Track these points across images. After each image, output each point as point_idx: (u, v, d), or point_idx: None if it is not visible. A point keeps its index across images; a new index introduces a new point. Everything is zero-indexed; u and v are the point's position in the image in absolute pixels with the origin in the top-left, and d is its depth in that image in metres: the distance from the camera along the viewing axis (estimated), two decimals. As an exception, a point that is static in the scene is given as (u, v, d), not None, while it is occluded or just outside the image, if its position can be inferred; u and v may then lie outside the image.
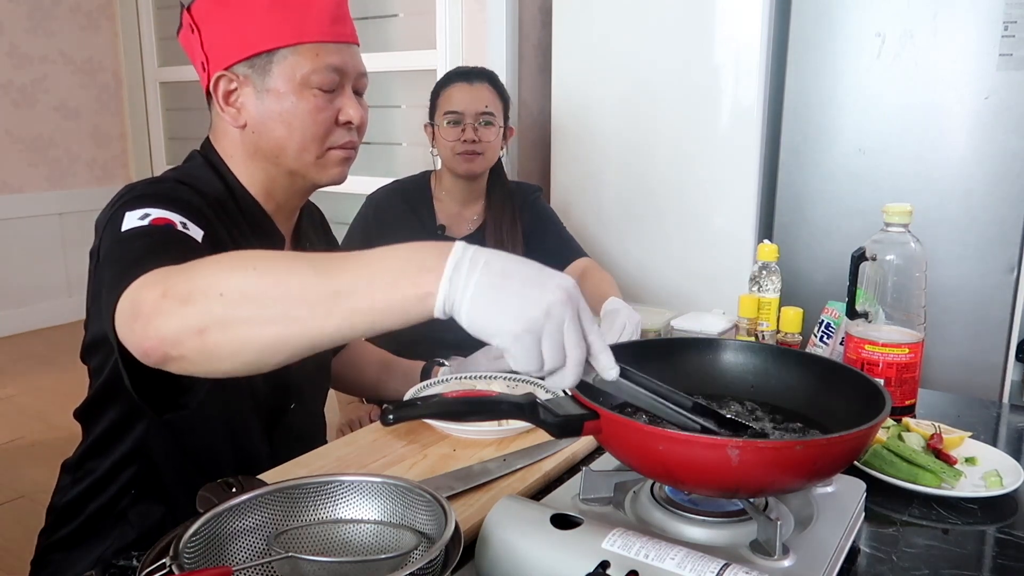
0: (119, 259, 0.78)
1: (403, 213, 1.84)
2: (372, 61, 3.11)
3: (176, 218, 0.85)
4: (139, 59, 4.09)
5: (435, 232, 1.82)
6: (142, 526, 1.06)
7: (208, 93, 1.00)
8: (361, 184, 2.84)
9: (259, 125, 0.99)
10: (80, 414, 1.09)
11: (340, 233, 1.91)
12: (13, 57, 3.80)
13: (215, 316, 0.63)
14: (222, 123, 1.02)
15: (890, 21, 1.97)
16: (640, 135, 2.32)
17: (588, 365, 0.66)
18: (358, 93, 1.03)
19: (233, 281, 0.64)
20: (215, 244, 0.88)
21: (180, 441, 1.05)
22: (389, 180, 1.94)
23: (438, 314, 0.61)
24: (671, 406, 0.74)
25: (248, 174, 1.02)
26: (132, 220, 0.83)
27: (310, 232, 1.21)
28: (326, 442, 1.32)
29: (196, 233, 0.86)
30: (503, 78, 2.61)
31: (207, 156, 1.04)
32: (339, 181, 1.04)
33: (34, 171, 3.83)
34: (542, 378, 0.65)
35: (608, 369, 0.66)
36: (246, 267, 0.65)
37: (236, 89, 0.98)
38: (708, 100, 2.19)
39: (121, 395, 1.03)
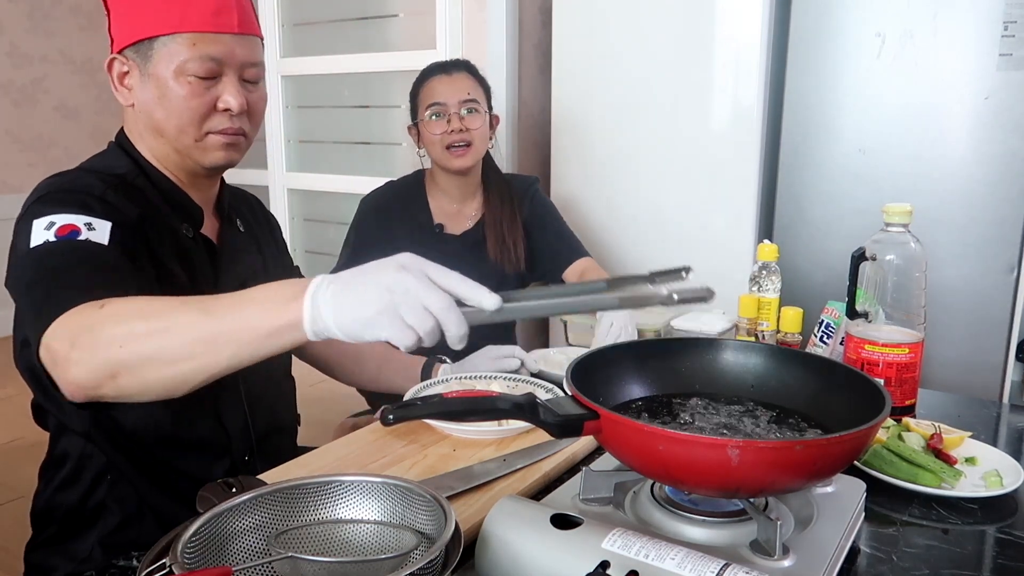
0: (33, 285, 0.87)
1: (399, 214, 1.82)
2: (372, 61, 3.13)
3: (80, 221, 0.91)
4: (139, 59, 4.09)
5: (433, 231, 1.81)
6: (123, 511, 1.06)
7: None
8: (361, 184, 2.84)
9: (143, 106, 1.05)
10: (34, 419, 1.12)
11: (339, 233, 1.91)
12: (13, 57, 3.79)
13: (122, 363, 0.76)
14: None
15: (890, 21, 1.97)
16: (640, 135, 2.32)
17: (475, 310, 0.70)
18: (251, 81, 1.07)
19: (132, 330, 0.76)
20: (124, 225, 0.95)
21: (120, 423, 1.05)
22: (388, 180, 1.93)
23: (310, 336, 0.70)
24: (577, 295, 0.73)
25: (149, 149, 1.08)
26: (39, 231, 0.90)
27: (244, 211, 1.25)
28: (293, 407, 1.32)
29: (102, 231, 0.92)
30: (503, 78, 2.62)
31: (119, 140, 1.11)
32: (225, 164, 1.09)
33: (34, 171, 3.83)
34: (447, 354, 0.70)
35: (486, 300, 0.69)
36: (141, 317, 0.76)
37: (128, 72, 1.04)
38: (708, 100, 2.19)
39: (52, 393, 1.04)
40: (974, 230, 1.94)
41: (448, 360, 1.38)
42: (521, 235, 1.82)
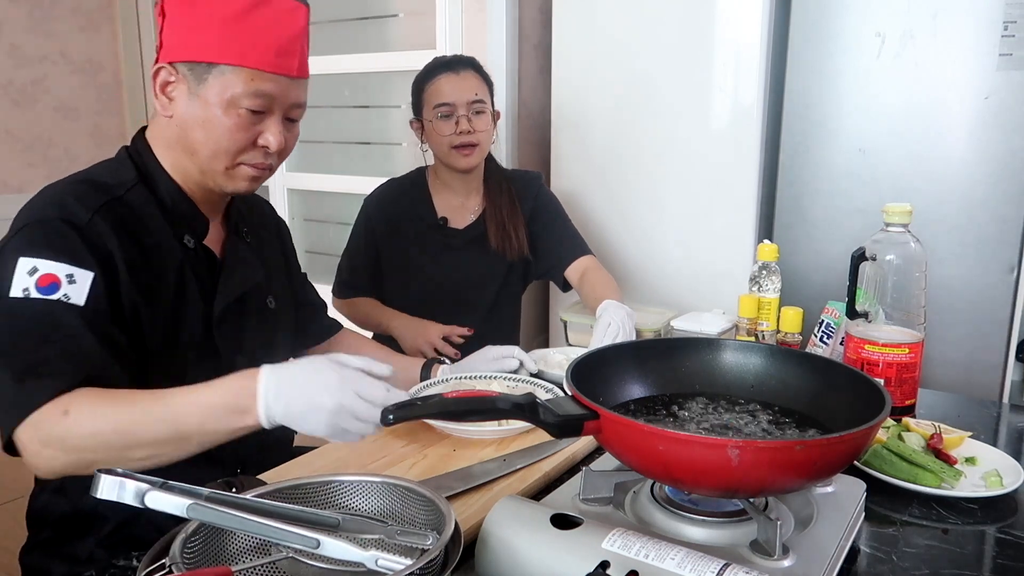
0: (4, 357, 0.90)
1: (403, 210, 1.83)
2: (372, 61, 3.12)
3: (62, 272, 0.93)
4: (139, 59, 4.08)
5: (437, 225, 1.82)
6: (117, 518, 1.06)
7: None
8: (361, 184, 2.84)
9: (183, 122, 1.03)
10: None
11: (339, 233, 1.91)
12: (13, 57, 3.79)
13: (95, 461, 0.84)
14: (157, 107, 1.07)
15: (890, 21, 1.97)
16: (640, 135, 2.31)
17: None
18: (292, 120, 1.09)
19: (104, 439, 0.85)
20: (105, 262, 0.96)
21: None
22: (390, 177, 1.93)
23: (268, 426, 0.86)
24: (294, 518, 0.70)
25: (170, 159, 1.07)
26: (22, 275, 0.92)
27: (253, 219, 1.24)
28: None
29: (82, 285, 0.94)
30: (503, 78, 2.62)
31: (133, 145, 1.09)
32: (246, 193, 1.11)
33: (34, 171, 3.82)
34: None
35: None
36: (111, 424, 0.85)
37: (173, 83, 1.03)
38: (708, 100, 2.19)
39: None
40: (974, 230, 1.94)
41: (448, 360, 1.38)
42: (522, 221, 1.82)
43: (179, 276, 1.05)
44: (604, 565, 0.66)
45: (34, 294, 0.92)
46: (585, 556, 0.68)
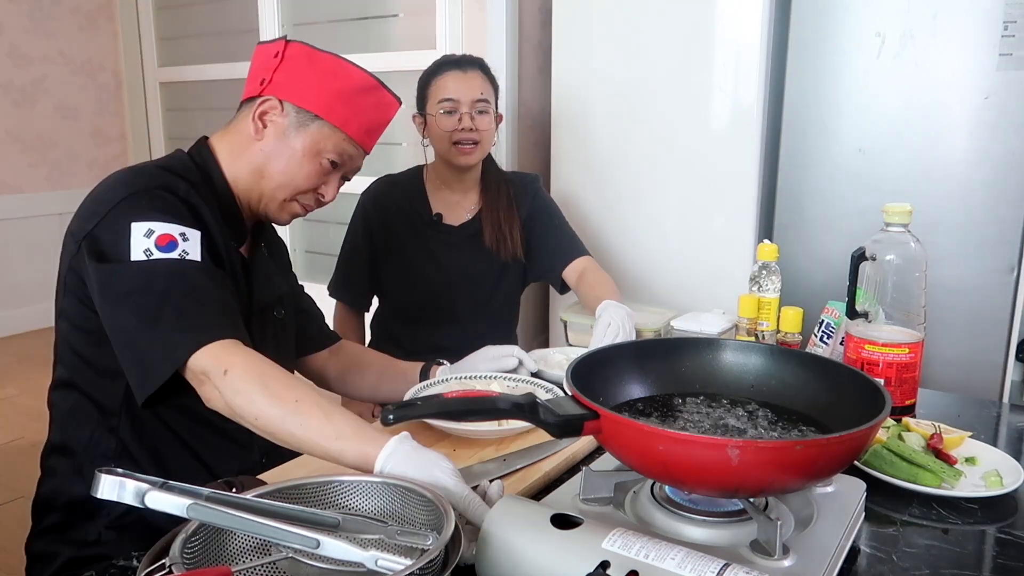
0: (146, 308, 0.95)
1: (399, 205, 1.84)
2: (372, 61, 3.11)
3: (175, 231, 1.01)
4: (139, 59, 4.09)
5: (432, 220, 1.82)
6: None
7: (247, 99, 1.17)
8: (360, 184, 2.84)
9: (268, 147, 1.15)
10: (48, 402, 1.14)
11: (339, 233, 1.92)
12: (13, 57, 3.79)
13: (247, 423, 0.92)
14: (244, 123, 1.16)
15: (890, 21, 1.97)
16: (640, 135, 2.32)
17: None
18: (346, 179, 1.23)
19: (246, 419, 0.92)
20: (204, 230, 1.05)
21: (142, 413, 1.07)
22: (383, 175, 1.93)
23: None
24: (294, 518, 0.72)
25: (234, 170, 1.16)
26: (139, 238, 0.98)
27: (266, 237, 1.33)
28: None
29: (194, 242, 1.02)
30: (503, 79, 2.62)
31: (197, 151, 1.17)
32: (281, 224, 1.24)
33: (34, 171, 3.83)
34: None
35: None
36: (252, 413, 0.91)
37: (272, 114, 1.14)
38: (708, 100, 2.19)
39: (84, 369, 1.09)
40: (974, 230, 1.94)
41: (446, 362, 1.38)
42: (518, 224, 1.82)
43: (230, 271, 1.12)
44: (604, 565, 0.66)
45: (156, 254, 0.98)
46: (585, 556, 0.68)
